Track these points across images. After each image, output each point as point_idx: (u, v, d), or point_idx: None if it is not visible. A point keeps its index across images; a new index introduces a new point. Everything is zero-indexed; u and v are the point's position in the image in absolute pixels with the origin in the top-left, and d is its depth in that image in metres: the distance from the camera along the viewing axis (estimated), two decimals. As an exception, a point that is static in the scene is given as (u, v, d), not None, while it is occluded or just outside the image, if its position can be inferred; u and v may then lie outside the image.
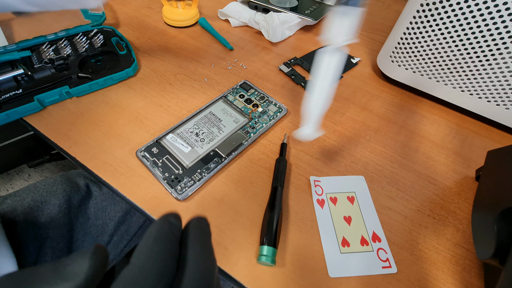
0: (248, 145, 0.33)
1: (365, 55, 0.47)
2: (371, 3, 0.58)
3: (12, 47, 0.37)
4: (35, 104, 0.33)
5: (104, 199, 0.40)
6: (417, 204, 0.30)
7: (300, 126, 0.30)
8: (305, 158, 0.33)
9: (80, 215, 0.38)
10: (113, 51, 0.40)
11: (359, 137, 0.36)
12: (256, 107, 0.37)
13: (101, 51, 0.40)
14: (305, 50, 0.46)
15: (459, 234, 0.28)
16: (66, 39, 0.40)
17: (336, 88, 0.41)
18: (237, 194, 0.30)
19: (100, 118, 0.35)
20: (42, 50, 0.38)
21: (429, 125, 0.38)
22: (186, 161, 0.31)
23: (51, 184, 0.37)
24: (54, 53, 0.38)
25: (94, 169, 0.31)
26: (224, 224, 0.28)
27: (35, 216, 0.34)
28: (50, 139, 0.33)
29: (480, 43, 0.31)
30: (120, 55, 0.40)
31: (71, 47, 0.39)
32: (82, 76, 0.37)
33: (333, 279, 0.25)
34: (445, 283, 0.25)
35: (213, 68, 0.42)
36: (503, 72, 0.32)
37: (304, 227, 0.28)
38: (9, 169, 0.99)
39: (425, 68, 0.37)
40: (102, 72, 0.38)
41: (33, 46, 0.39)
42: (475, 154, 0.35)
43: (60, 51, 0.39)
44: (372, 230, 0.28)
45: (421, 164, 0.34)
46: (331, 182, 0.31)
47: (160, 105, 0.37)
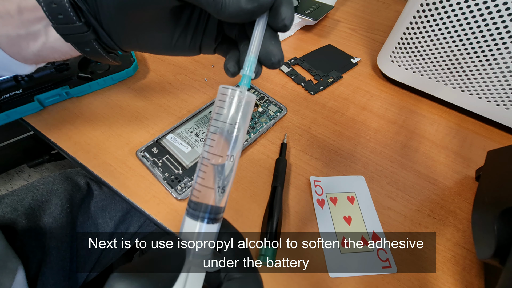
0: (248, 145, 0.33)
1: (365, 55, 0.47)
2: (371, 3, 0.58)
3: (12, 47, 0.37)
4: (35, 104, 0.33)
5: (105, 198, 0.40)
6: (417, 204, 0.30)
7: None
8: (305, 158, 0.33)
9: (80, 214, 0.38)
10: (113, 51, 0.40)
11: (359, 137, 0.36)
12: (256, 107, 0.37)
13: (101, 51, 0.40)
14: (305, 50, 0.46)
15: (459, 234, 0.28)
16: (66, 39, 0.40)
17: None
18: (237, 194, 0.30)
19: (100, 118, 0.35)
20: (42, 50, 0.38)
21: (429, 125, 0.38)
22: (186, 161, 0.31)
23: (51, 183, 0.37)
24: (54, 53, 0.38)
25: (94, 169, 0.31)
26: (224, 224, 0.28)
27: (37, 216, 0.34)
28: (50, 139, 0.33)
29: (480, 43, 0.31)
30: (120, 55, 0.40)
31: (71, 47, 0.39)
32: (82, 76, 0.37)
33: (333, 279, 0.25)
34: (445, 283, 0.25)
35: (213, 68, 0.42)
36: (503, 72, 0.32)
37: (304, 227, 0.28)
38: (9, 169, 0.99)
39: (425, 68, 0.37)
40: (102, 72, 0.38)
41: (33, 46, 0.39)
42: (475, 154, 0.35)
43: (60, 51, 0.39)
44: (372, 230, 0.28)
45: (421, 164, 0.34)
46: (331, 182, 0.31)
47: (160, 105, 0.37)
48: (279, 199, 0.28)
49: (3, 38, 0.19)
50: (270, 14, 0.17)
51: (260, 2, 0.16)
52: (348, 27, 0.52)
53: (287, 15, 0.17)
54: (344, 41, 0.49)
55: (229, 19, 0.17)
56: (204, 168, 0.16)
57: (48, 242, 0.34)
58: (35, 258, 0.33)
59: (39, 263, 0.33)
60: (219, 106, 0.16)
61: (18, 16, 0.19)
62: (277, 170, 0.30)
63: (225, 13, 0.16)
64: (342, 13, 0.55)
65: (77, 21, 0.18)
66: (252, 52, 0.17)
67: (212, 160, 0.16)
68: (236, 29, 0.21)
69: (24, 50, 0.20)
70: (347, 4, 0.57)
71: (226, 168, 0.16)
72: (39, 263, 0.33)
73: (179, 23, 0.20)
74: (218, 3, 0.16)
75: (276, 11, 0.17)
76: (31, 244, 0.33)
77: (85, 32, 0.19)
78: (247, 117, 0.16)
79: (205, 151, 0.16)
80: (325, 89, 0.41)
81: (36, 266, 0.32)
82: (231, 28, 0.22)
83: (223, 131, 0.16)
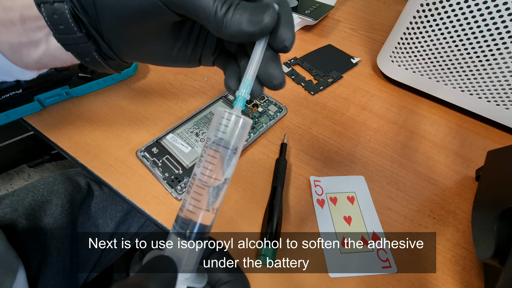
0: (248, 145, 0.33)
1: (365, 55, 0.47)
2: (371, 3, 0.58)
3: (12, 47, 0.37)
4: (35, 104, 0.33)
5: (105, 198, 0.41)
6: (417, 204, 0.30)
7: None
8: (305, 158, 0.33)
9: (81, 214, 0.38)
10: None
11: (359, 137, 0.36)
12: (256, 107, 0.37)
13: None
14: (305, 50, 0.46)
15: (459, 234, 0.28)
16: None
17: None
18: (237, 194, 0.30)
19: (100, 118, 0.35)
20: (42, 50, 0.38)
21: (429, 125, 0.38)
22: (186, 161, 0.31)
23: (51, 183, 0.37)
24: (54, 53, 0.38)
25: (94, 169, 0.31)
26: (223, 224, 0.28)
27: (37, 216, 0.34)
28: (50, 139, 0.33)
29: (480, 43, 0.31)
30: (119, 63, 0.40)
31: (71, 47, 0.39)
32: (82, 76, 0.37)
33: (333, 279, 0.25)
34: (445, 283, 0.25)
35: (213, 68, 0.42)
36: (503, 72, 0.32)
37: (304, 227, 0.28)
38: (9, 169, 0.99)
39: (425, 68, 0.37)
40: (102, 72, 0.38)
41: (33, 46, 0.39)
42: (475, 154, 0.35)
43: (60, 51, 0.39)
44: (372, 230, 0.28)
45: (421, 164, 0.34)
46: (331, 182, 0.31)
47: (160, 105, 0.37)
48: (279, 199, 0.28)
49: (5, 45, 0.20)
50: (271, 35, 0.17)
51: (261, 26, 0.16)
52: (348, 27, 0.52)
53: (287, 37, 0.16)
54: (344, 41, 0.49)
55: (229, 39, 0.17)
56: (196, 189, 0.16)
57: (49, 243, 0.34)
58: (35, 259, 0.33)
59: (40, 264, 0.33)
60: (217, 128, 0.16)
61: (20, 25, 0.19)
62: (277, 170, 0.31)
63: (225, 33, 0.16)
64: (342, 13, 0.55)
65: (78, 32, 0.19)
66: (249, 74, 0.17)
67: (204, 179, 0.16)
68: (236, 45, 0.22)
69: (25, 57, 0.21)
70: (347, 4, 0.57)
71: (218, 189, 0.16)
72: (40, 264, 0.33)
73: (179, 36, 0.21)
74: (219, 22, 0.16)
75: (276, 32, 0.17)
76: (32, 244, 0.33)
77: (85, 43, 0.19)
78: (241, 139, 0.16)
79: (200, 172, 0.16)
80: (325, 89, 0.41)
81: (37, 267, 0.33)
82: (231, 44, 0.22)
83: (218, 153, 0.16)
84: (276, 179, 0.30)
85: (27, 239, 0.33)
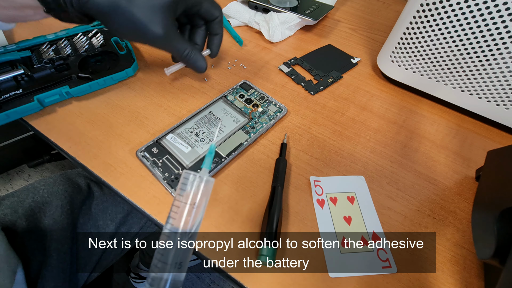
0: (248, 145, 0.33)
1: (365, 55, 0.47)
2: (371, 3, 0.58)
3: (12, 47, 0.37)
4: (35, 104, 0.33)
5: (105, 199, 0.40)
6: (417, 204, 0.30)
7: None
8: (305, 158, 0.33)
9: (81, 215, 0.38)
10: (113, 51, 0.40)
11: (359, 137, 0.36)
12: (256, 107, 0.37)
13: (101, 51, 0.40)
14: (305, 50, 0.46)
15: (459, 234, 0.28)
16: (66, 39, 0.40)
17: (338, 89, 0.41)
18: (237, 194, 0.30)
19: (100, 118, 0.35)
20: (42, 50, 0.38)
21: (429, 125, 0.38)
22: (186, 161, 0.31)
23: (51, 184, 0.37)
24: (54, 53, 0.38)
25: (94, 169, 0.31)
26: (223, 224, 0.28)
27: (37, 217, 0.34)
28: (50, 139, 0.33)
29: (480, 43, 0.31)
30: (120, 55, 0.40)
31: (71, 47, 0.39)
32: (82, 76, 0.37)
33: (333, 279, 0.25)
34: (445, 283, 0.25)
35: (213, 68, 0.42)
36: (503, 72, 0.32)
37: (304, 227, 0.28)
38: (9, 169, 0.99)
39: (425, 68, 0.37)
40: (102, 72, 0.38)
41: (33, 46, 0.39)
42: (475, 154, 0.35)
43: (60, 51, 0.39)
44: (372, 230, 0.28)
45: (421, 164, 0.34)
46: (331, 182, 0.31)
47: (160, 105, 0.37)
48: (279, 199, 0.28)
49: None
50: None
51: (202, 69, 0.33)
52: (348, 27, 0.52)
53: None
54: (344, 41, 0.49)
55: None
56: (164, 244, 0.18)
57: (49, 244, 0.33)
58: (35, 260, 0.33)
59: (40, 265, 0.33)
60: (181, 188, 0.19)
61: None
62: (277, 170, 0.31)
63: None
64: (342, 13, 0.55)
65: None
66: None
67: (172, 235, 0.18)
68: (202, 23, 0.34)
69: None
70: (347, 4, 0.57)
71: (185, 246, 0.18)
72: (40, 265, 0.33)
73: None
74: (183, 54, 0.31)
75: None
76: (32, 246, 0.33)
77: None
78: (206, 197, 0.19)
79: (169, 223, 0.18)
80: (325, 89, 0.41)
81: (37, 268, 0.32)
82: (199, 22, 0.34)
83: (184, 210, 0.18)
84: (276, 179, 0.30)
85: (27, 240, 0.33)
